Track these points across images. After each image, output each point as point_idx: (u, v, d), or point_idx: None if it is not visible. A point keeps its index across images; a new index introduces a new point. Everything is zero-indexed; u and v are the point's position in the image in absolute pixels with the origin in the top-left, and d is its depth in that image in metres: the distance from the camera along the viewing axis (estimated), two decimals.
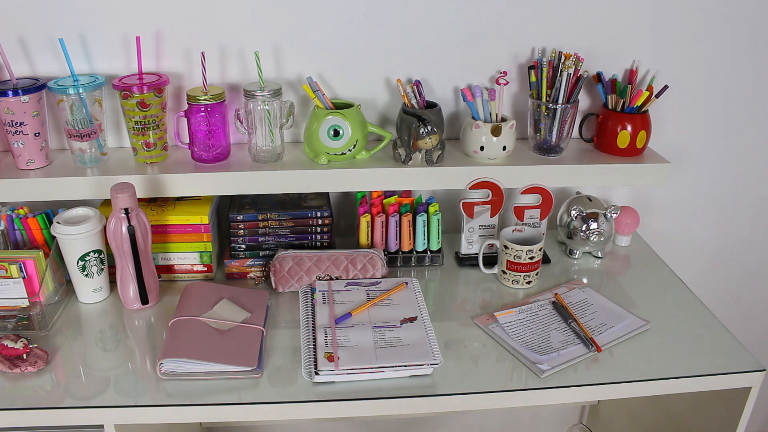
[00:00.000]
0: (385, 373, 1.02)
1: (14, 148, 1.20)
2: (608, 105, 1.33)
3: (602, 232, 1.33)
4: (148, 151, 1.24)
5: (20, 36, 1.21)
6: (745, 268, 1.68)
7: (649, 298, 1.25)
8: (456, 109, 1.37)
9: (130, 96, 1.18)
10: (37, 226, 1.20)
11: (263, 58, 1.25)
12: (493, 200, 1.31)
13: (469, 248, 1.36)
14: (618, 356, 1.09)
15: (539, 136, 1.32)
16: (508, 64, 1.33)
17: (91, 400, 0.97)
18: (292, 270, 1.23)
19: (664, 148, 1.42)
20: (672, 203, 1.55)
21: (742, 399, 1.09)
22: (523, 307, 1.19)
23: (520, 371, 1.05)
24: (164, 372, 1.01)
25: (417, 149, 1.25)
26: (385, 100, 1.34)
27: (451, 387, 1.01)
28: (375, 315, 1.14)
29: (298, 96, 1.32)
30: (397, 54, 1.29)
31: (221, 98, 1.22)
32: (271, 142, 1.25)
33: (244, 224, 1.27)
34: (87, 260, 1.15)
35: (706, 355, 1.09)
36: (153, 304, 1.20)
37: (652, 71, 1.36)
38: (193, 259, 1.26)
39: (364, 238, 1.31)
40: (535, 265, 1.26)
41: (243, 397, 0.99)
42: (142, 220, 1.14)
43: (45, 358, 1.04)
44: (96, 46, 1.23)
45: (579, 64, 1.26)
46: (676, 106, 1.41)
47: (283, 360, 1.06)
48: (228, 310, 1.13)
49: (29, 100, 1.16)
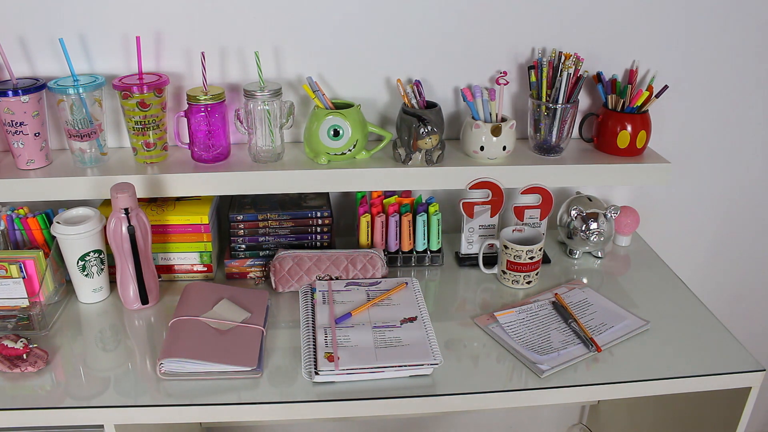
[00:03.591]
0: (385, 373, 1.01)
1: (14, 148, 1.20)
2: (608, 105, 1.33)
3: (602, 232, 1.33)
4: (148, 151, 1.24)
5: (20, 36, 1.21)
6: (745, 267, 1.68)
7: (649, 298, 1.25)
8: (456, 109, 1.37)
9: (130, 96, 1.18)
10: (37, 226, 1.20)
11: (263, 58, 1.25)
12: (493, 200, 1.31)
13: (469, 248, 1.36)
14: (618, 356, 1.09)
15: (539, 136, 1.32)
16: (508, 64, 1.33)
17: (91, 400, 0.97)
18: (292, 270, 1.23)
19: (664, 148, 1.42)
20: (672, 203, 1.55)
21: (742, 399, 1.09)
22: (523, 307, 1.19)
23: (520, 371, 1.05)
24: (164, 372, 1.01)
25: (417, 149, 1.25)
26: (385, 100, 1.34)
27: (451, 387, 1.01)
28: (375, 315, 1.14)
29: (298, 96, 1.32)
30: (397, 54, 1.29)
31: (221, 98, 1.22)
32: (271, 142, 1.25)
33: (244, 224, 1.27)
34: (87, 260, 1.15)
35: (706, 355, 1.09)
36: (153, 304, 1.20)
37: (652, 71, 1.36)
38: (193, 259, 1.26)
39: (364, 238, 1.31)
40: (535, 265, 1.26)
41: (243, 397, 0.99)
42: (142, 220, 1.14)
43: (45, 358, 1.04)
44: (96, 46, 1.23)
45: (579, 64, 1.26)
46: (676, 106, 1.41)
47: (283, 360, 1.06)
48: (228, 310, 1.13)
49: (29, 100, 1.16)
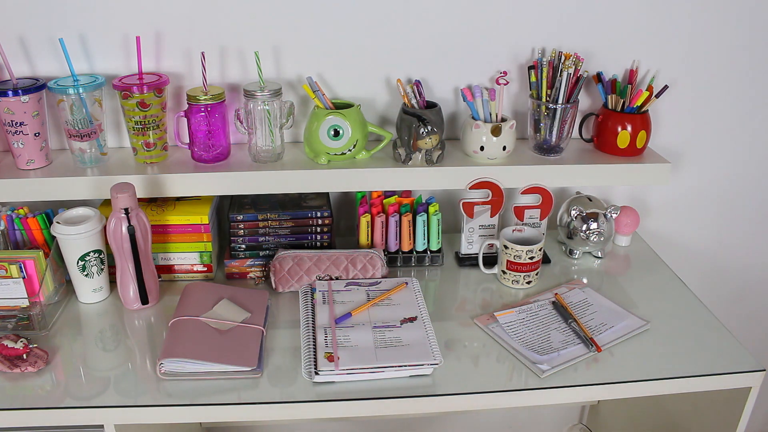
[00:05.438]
0: (385, 373, 1.01)
1: (14, 148, 1.20)
2: (608, 105, 1.33)
3: (602, 232, 1.33)
4: (148, 151, 1.24)
5: (20, 36, 1.21)
6: (745, 268, 1.67)
7: (649, 298, 1.25)
8: (456, 109, 1.37)
9: (130, 96, 1.18)
10: (37, 226, 1.20)
11: (263, 58, 1.25)
12: (493, 200, 1.31)
13: (469, 248, 1.36)
14: (618, 356, 1.09)
15: (539, 136, 1.32)
16: (508, 64, 1.33)
17: (91, 400, 0.97)
18: (292, 270, 1.23)
19: (664, 148, 1.42)
20: (672, 203, 1.55)
21: (742, 399, 1.09)
22: (523, 307, 1.19)
23: (520, 371, 1.05)
24: (164, 372, 1.01)
25: (417, 149, 1.25)
26: (385, 100, 1.34)
27: (451, 387, 1.01)
28: (375, 315, 1.14)
29: (298, 96, 1.32)
30: (397, 54, 1.29)
31: (221, 98, 1.22)
32: (271, 142, 1.25)
33: (244, 224, 1.27)
34: (87, 260, 1.15)
35: (706, 355, 1.09)
36: (153, 304, 1.20)
37: (652, 71, 1.36)
38: (193, 259, 1.26)
39: (364, 238, 1.31)
40: (535, 265, 1.26)
41: (243, 397, 0.99)
42: (142, 220, 1.14)
43: (45, 358, 1.04)
44: (96, 46, 1.23)
45: (579, 64, 1.26)
46: (676, 106, 1.41)
47: (283, 360, 1.06)
48: (228, 310, 1.13)
49: (29, 100, 1.16)
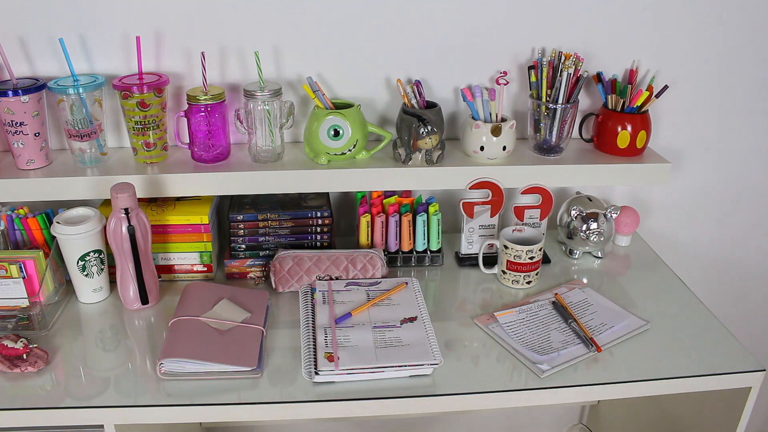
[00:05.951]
0: (385, 373, 1.01)
1: (14, 148, 1.20)
2: (608, 105, 1.33)
3: (602, 232, 1.33)
4: (148, 151, 1.24)
5: (20, 36, 1.21)
6: (745, 268, 1.67)
7: (649, 298, 1.25)
8: (456, 109, 1.37)
9: (130, 96, 1.18)
10: (37, 226, 1.20)
11: (263, 58, 1.25)
12: (493, 200, 1.31)
13: (469, 248, 1.36)
14: (618, 356, 1.09)
15: (539, 136, 1.32)
16: (508, 64, 1.33)
17: (91, 400, 0.97)
18: (292, 270, 1.23)
19: (664, 148, 1.42)
20: (672, 203, 1.55)
21: (742, 399, 1.09)
22: (523, 307, 1.19)
23: (520, 371, 1.05)
24: (164, 372, 1.01)
25: (417, 149, 1.25)
26: (385, 100, 1.34)
27: (451, 387, 1.01)
28: (375, 315, 1.14)
29: (298, 96, 1.32)
30: (397, 54, 1.29)
31: (221, 98, 1.22)
32: (271, 142, 1.25)
33: (244, 224, 1.27)
34: (87, 260, 1.15)
35: (706, 355, 1.09)
36: (153, 304, 1.20)
37: (652, 71, 1.36)
38: (193, 259, 1.26)
39: (364, 238, 1.31)
40: (535, 265, 1.26)
41: (243, 397, 0.99)
42: (142, 220, 1.14)
43: (45, 358, 1.04)
44: (96, 46, 1.23)
45: (579, 64, 1.26)
46: (676, 106, 1.41)
47: (283, 360, 1.06)
48: (228, 310, 1.13)
49: (29, 100, 1.16)
